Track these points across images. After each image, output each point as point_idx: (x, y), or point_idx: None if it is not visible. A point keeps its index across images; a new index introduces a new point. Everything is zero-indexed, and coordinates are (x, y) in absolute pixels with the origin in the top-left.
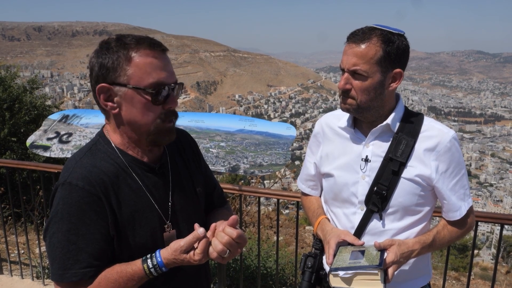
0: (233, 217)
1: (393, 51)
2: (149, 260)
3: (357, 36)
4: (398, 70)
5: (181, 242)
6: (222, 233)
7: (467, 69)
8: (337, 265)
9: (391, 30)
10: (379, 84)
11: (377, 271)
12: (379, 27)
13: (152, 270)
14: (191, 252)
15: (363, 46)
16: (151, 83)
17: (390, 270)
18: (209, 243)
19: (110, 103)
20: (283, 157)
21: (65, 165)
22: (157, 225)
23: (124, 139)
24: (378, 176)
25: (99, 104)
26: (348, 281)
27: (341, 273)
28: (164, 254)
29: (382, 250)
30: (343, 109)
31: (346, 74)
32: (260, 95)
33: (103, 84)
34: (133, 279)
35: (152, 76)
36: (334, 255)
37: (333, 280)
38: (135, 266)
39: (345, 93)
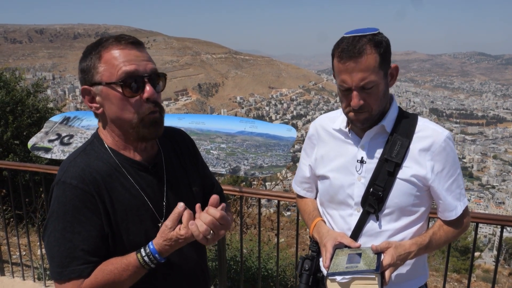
0: (214, 196)
1: (384, 50)
2: (142, 250)
3: (350, 52)
4: (393, 65)
5: (166, 222)
6: (205, 213)
7: (469, 71)
8: (334, 269)
9: (372, 33)
10: (385, 86)
11: (374, 275)
12: (360, 34)
13: (145, 258)
14: (177, 228)
15: (362, 59)
16: (119, 75)
17: (387, 273)
18: (193, 217)
19: (94, 104)
20: (283, 158)
21: (61, 165)
22: (150, 223)
23: (114, 138)
24: (374, 177)
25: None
26: (345, 285)
27: (338, 278)
28: (155, 240)
29: (378, 253)
30: (357, 124)
31: (355, 92)
32: (262, 97)
33: (84, 86)
34: (128, 269)
35: (119, 68)
36: (331, 259)
37: (330, 285)
38: (130, 257)
39: (359, 109)
